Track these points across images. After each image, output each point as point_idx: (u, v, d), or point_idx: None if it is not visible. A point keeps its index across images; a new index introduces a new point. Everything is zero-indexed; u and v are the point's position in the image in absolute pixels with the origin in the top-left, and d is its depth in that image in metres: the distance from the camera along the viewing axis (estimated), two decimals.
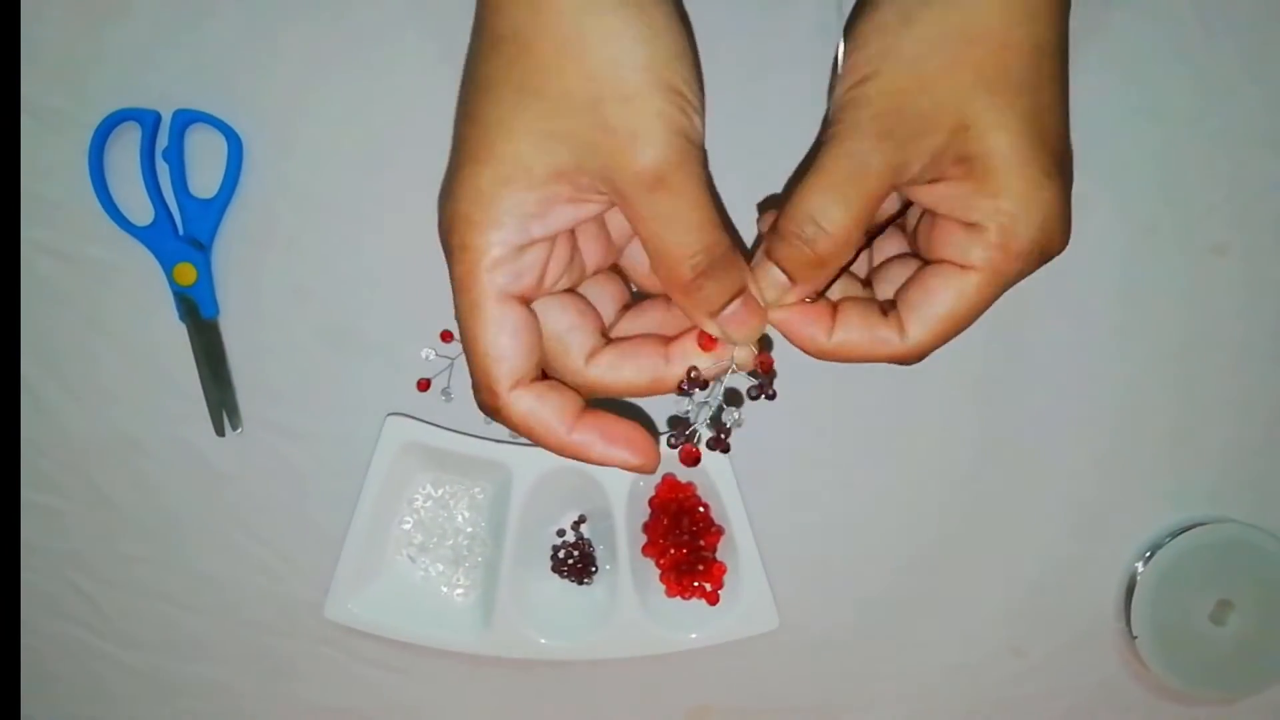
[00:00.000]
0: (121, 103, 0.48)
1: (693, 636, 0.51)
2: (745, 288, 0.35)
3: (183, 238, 0.50)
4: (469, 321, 0.34)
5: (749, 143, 0.48)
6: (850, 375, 0.41)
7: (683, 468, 0.50)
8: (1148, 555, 0.53)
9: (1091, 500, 0.53)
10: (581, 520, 0.53)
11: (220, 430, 0.51)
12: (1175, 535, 0.52)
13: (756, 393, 0.36)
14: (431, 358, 0.50)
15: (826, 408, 0.51)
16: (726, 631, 0.51)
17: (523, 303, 0.34)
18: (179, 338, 0.50)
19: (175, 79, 0.49)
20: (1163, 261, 0.50)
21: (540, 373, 0.35)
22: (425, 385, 0.50)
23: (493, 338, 0.33)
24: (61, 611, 0.53)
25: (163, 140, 0.49)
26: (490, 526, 0.52)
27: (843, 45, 0.34)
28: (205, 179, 0.50)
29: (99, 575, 0.53)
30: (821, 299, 0.36)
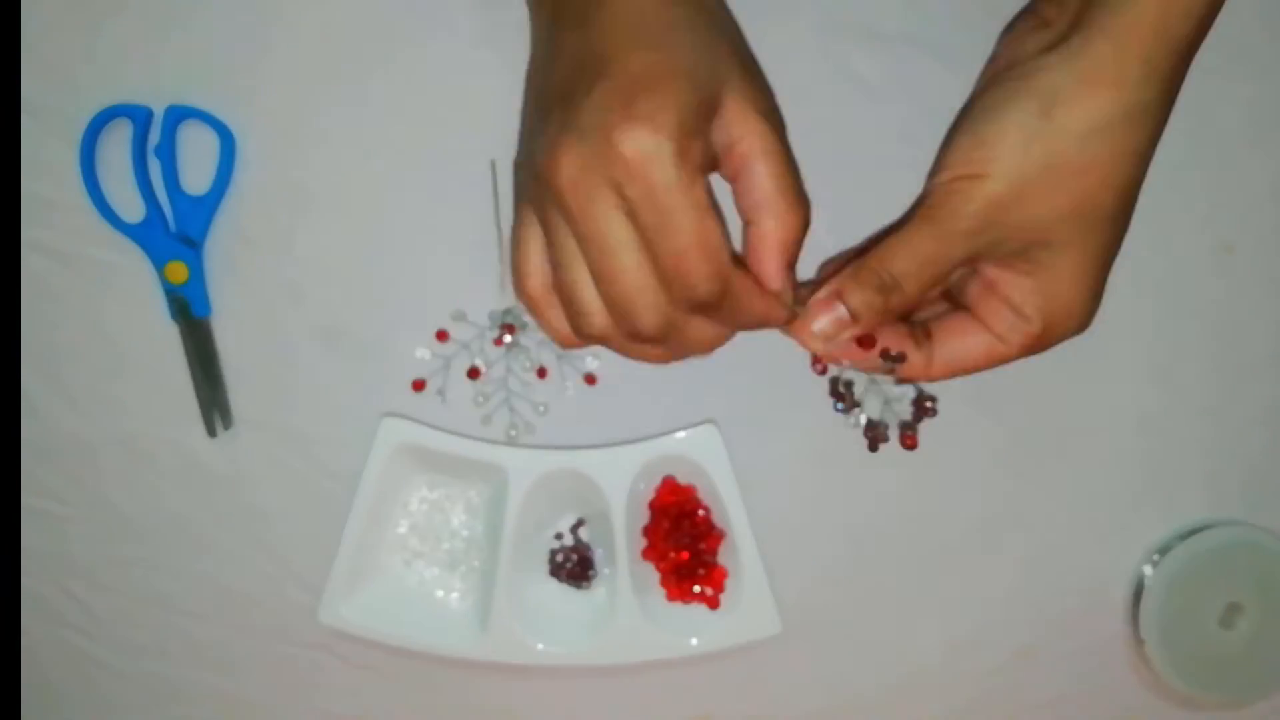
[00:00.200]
0: (113, 99, 0.48)
1: (693, 642, 0.51)
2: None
3: (174, 235, 0.49)
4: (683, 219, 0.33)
5: None
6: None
7: (683, 469, 0.50)
8: (1156, 558, 0.52)
9: (1099, 502, 0.52)
10: (580, 523, 0.52)
11: (212, 431, 0.50)
12: (1184, 538, 0.52)
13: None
14: (427, 358, 0.50)
15: (829, 408, 0.50)
16: (728, 636, 0.51)
17: None
18: (170, 337, 0.50)
19: (167, 74, 0.48)
20: (1172, 261, 0.50)
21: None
22: (421, 386, 0.50)
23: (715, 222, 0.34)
24: (52, 614, 0.53)
25: (154, 137, 0.48)
26: (487, 529, 0.52)
27: (960, 125, 0.38)
28: (197, 176, 0.49)
29: (89, 578, 0.52)
30: None
